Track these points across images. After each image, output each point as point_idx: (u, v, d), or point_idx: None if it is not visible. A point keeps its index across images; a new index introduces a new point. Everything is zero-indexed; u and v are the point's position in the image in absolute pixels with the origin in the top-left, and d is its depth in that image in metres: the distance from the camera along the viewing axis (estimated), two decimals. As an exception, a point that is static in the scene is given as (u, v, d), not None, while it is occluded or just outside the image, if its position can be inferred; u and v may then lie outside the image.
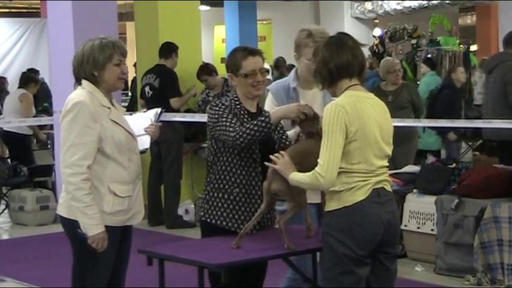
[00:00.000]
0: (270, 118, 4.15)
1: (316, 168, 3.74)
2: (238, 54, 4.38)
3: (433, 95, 10.54)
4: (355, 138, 3.74)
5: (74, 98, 4.13)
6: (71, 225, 4.16)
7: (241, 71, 4.33)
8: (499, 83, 8.17)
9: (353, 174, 3.76)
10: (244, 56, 4.35)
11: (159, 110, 4.77)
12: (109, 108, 4.18)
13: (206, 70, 9.88)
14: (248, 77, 4.33)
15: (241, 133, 4.15)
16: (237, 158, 4.27)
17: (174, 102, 9.27)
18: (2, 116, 11.71)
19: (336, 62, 3.83)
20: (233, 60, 4.38)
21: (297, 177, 3.86)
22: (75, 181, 4.03)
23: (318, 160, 3.74)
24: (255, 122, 4.17)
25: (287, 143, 4.39)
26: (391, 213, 3.86)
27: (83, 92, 4.15)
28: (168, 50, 9.47)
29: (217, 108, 4.31)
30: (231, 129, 4.20)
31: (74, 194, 4.05)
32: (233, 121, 4.24)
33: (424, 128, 10.26)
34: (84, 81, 4.18)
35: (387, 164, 3.91)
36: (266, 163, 4.02)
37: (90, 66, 4.15)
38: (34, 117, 10.97)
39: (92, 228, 4.05)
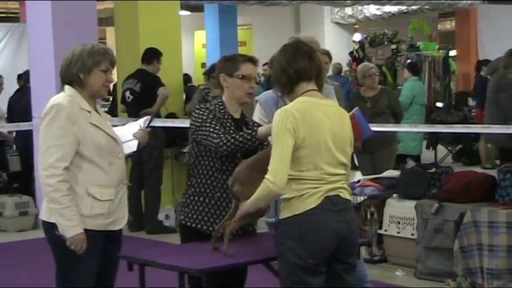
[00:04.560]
0: (256, 133, 4.15)
1: (266, 175, 3.71)
2: (238, 57, 4.43)
3: None
4: (303, 145, 3.71)
5: (52, 101, 4.14)
6: (50, 228, 4.14)
7: (238, 71, 4.34)
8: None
9: (303, 181, 3.72)
10: (244, 61, 4.39)
11: (149, 117, 4.76)
12: (89, 112, 4.17)
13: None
14: (245, 79, 4.34)
15: (225, 141, 4.15)
16: (218, 163, 4.26)
17: (163, 89, 9.26)
18: None
19: (294, 67, 3.83)
20: (231, 62, 4.40)
21: (250, 200, 3.82)
22: (52, 183, 4.02)
23: (268, 167, 3.71)
24: (241, 134, 4.17)
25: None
26: (345, 222, 3.78)
27: (61, 95, 4.16)
28: (151, 55, 9.45)
29: (201, 113, 4.31)
30: (214, 135, 4.19)
31: (51, 196, 4.03)
32: (217, 127, 4.23)
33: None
34: (66, 86, 4.18)
35: (344, 172, 3.84)
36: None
37: (78, 68, 4.15)
38: (12, 122, 10.89)
39: (70, 229, 4.03)
